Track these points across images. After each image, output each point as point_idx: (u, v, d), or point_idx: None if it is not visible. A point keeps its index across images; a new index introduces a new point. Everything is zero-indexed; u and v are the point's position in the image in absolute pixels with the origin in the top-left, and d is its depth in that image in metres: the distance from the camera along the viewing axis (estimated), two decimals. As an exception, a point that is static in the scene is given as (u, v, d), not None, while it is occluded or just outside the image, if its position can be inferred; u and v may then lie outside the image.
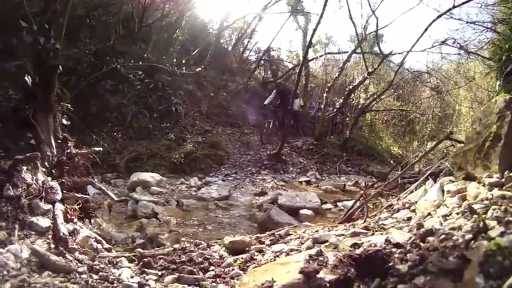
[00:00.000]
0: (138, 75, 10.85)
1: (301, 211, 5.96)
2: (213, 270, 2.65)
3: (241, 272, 2.50)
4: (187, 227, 4.94)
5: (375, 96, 15.75)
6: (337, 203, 6.84)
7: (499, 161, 2.72)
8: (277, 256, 2.69)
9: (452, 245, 1.72)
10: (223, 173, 9.41)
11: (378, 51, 14.12)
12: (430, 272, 1.59)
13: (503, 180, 2.55)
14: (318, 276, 1.74)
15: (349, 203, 5.48)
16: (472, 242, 1.78)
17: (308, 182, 9.61)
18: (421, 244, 1.93)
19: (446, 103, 20.44)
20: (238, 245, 3.11)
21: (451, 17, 11.03)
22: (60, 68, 3.58)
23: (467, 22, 10.89)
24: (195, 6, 14.84)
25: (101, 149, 3.99)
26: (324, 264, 1.85)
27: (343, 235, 2.76)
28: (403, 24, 29.74)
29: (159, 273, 2.59)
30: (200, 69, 12.12)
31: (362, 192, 4.86)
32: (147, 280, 2.43)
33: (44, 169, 3.13)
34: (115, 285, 2.21)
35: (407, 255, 1.82)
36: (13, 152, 2.94)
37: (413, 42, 12.24)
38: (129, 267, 2.62)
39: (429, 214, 2.66)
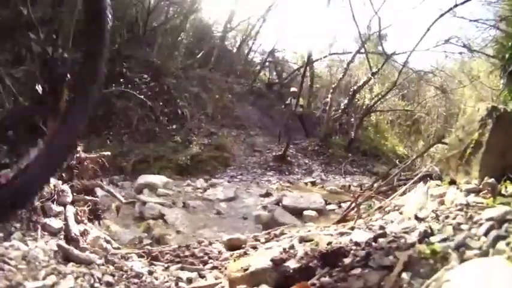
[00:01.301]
0: (144, 78, 10.98)
1: (305, 212, 6.02)
2: (211, 263, 2.99)
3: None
4: (194, 227, 5.04)
5: (380, 96, 15.77)
6: (341, 204, 6.87)
7: (480, 168, 2.81)
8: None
9: (396, 246, 1.99)
10: (229, 175, 9.51)
11: (382, 51, 14.19)
12: (368, 266, 1.87)
13: (480, 186, 2.63)
14: (285, 264, 2.14)
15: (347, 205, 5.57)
16: (416, 245, 1.98)
17: (313, 183, 9.65)
18: (373, 243, 2.19)
19: (451, 102, 20.45)
20: (235, 242, 3.39)
21: (454, 16, 11.10)
22: (69, 75, 3.68)
23: (471, 20, 10.96)
24: (199, 9, 14.99)
25: (109, 153, 4.08)
26: (293, 255, 2.24)
27: (331, 235, 2.94)
28: (407, 23, 29.69)
29: (166, 265, 2.94)
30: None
31: (356, 195, 4.97)
32: (155, 270, 2.80)
33: (54, 172, 3.24)
34: (128, 273, 2.59)
35: (359, 251, 2.08)
36: (25, 158, 3.04)
37: (417, 41, 12.32)
38: (140, 261, 2.91)
39: (409, 218, 2.77)
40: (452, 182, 3.05)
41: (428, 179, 3.62)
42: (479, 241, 1.86)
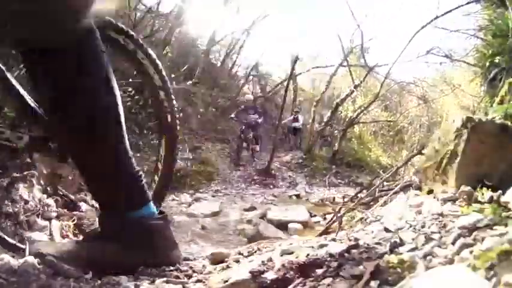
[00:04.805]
0: (128, 91, 10.93)
1: (290, 225, 6.04)
2: (195, 276, 3.00)
3: (218, 277, 2.87)
4: (179, 243, 5.02)
5: (363, 108, 15.95)
6: (326, 216, 6.90)
7: (456, 176, 2.85)
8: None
9: (367, 257, 2.01)
10: (213, 189, 9.50)
11: (364, 64, 14.39)
12: (340, 276, 1.87)
13: (456, 195, 2.70)
14: (263, 275, 2.14)
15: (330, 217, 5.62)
16: (386, 255, 2.04)
17: (298, 196, 9.70)
18: (345, 254, 2.23)
19: (434, 111, 20.74)
20: (218, 256, 3.40)
21: (436, 27, 11.32)
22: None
23: (451, 31, 11.17)
24: (184, 23, 15.05)
25: (94, 167, 4.09)
26: (271, 267, 2.19)
27: (312, 247, 2.98)
28: (389, 35, 30.16)
29: (151, 278, 2.92)
30: (190, 83, 12.21)
31: (337, 207, 5.03)
32: (141, 283, 2.77)
33: (39, 186, 3.24)
34: (115, 286, 2.55)
35: (332, 262, 2.10)
36: (10, 169, 3.05)
37: (399, 53, 12.52)
38: (126, 276, 2.95)
39: (386, 229, 2.82)
40: (430, 192, 3.09)
41: (411, 188, 3.69)
42: (446, 249, 1.91)
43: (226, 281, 2.32)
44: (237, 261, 3.30)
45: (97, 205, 4.07)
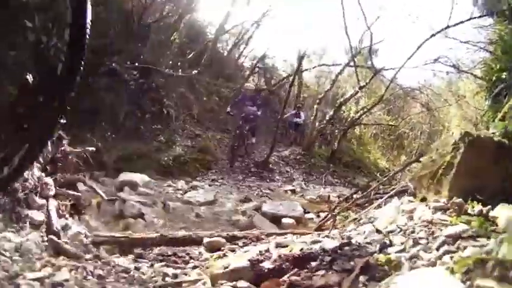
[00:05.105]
0: (133, 74, 10.91)
1: (284, 220, 6.09)
2: (192, 262, 3.33)
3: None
4: (173, 229, 5.07)
5: (365, 109, 15.95)
6: (320, 214, 6.95)
7: (449, 187, 3.06)
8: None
9: (358, 254, 2.37)
10: (210, 178, 9.54)
11: (371, 66, 14.36)
12: (332, 269, 2.26)
13: (448, 205, 2.81)
14: (261, 264, 2.54)
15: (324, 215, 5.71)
16: (375, 254, 2.38)
17: (293, 191, 9.73)
18: (338, 251, 2.57)
19: (436, 119, 20.73)
20: (215, 244, 3.73)
21: (446, 36, 11.31)
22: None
23: (461, 42, 11.16)
24: (194, 9, 14.99)
25: (94, 148, 4.13)
26: (268, 258, 2.62)
27: (305, 242, 3.21)
28: (398, 39, 30.07)
29: (150, 263, 3.23)
30: (195, 71, 11.96)
31: (331, 206, 5.26)
32: (141, 266, 3.07)
33: (38, 165, 3.27)
34: (116, 268, 2.82)
35: (325, 257, 2.44)
36: (10, 148, 3.06)
37: (406, 58, 12.51)
38: (125, 258, 3.14)
39: (377, 230, 3.00)
40: (423, 200, 3.31)
41: (406, 194, 3.90)
42: (431, 254, 2.17)
43: (227, 267, 2.67)
44: (233, 250, 3.54)
45: (95, 186, 4.12)
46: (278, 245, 3.17)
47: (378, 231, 2.89)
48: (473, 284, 1.60)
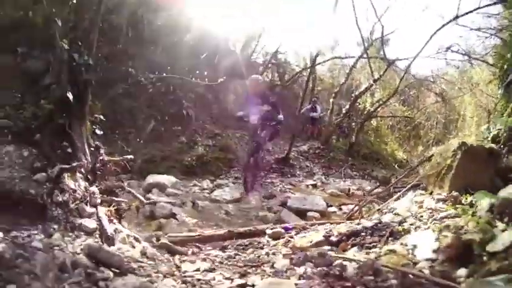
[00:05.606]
0: (150, 78, 11.03)
1: (309, 213, 6.27)
2: (266, 248, 4.17)
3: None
4: (205, 226, 5.22)
5: (381, 101, 15.97)
6: (342, 207, 7.07)
7: (450, 184, 3.94)
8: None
9: (386, 227, 3.74)
10: (233, 176, 9.68)
11: (384, 57, 14.35)
12: (373, 236, 3.67)
13: (448, 197, 3.81)
14: (330, 238, 3.85)
15: (352, 207, 5.95)
16: (396, 226, 3.76)
17: (314, 186, 9.89)
18: (374, 227, 3.85)
19: (451, 108, 20.65)
20: (276, 234, 4.53)
21: (456, 24, 11.29)
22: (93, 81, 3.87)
23: (472, 29, 11.14)
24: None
25: (132, 156, 4.30)
26: (333, 235, 3.91)
27: (347, 225, 4.35)
28: (410, 29, 29.95)
29: (235, 251, 4.08)
30: (222, 79, 10.90)
31: (359, 199, 5.96)
32: (232, 254, 3.95)
33: (81, 175, 3.44)
34: (219, 257, 3.71)
35: (368, 230, 3.81)
36: (53, 160, 3.22)
37: (419, 48, 12.49)
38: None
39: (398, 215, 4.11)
40: (431, 193, 4.19)
41: (419, 188, 4.65)
42: (426, 225, 3.47)
43: (311, 241, 3.92)
44: (291, 237, 4.39)
45: (133, 191, 4.29)
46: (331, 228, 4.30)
47: (397, 214, 3.99)
48: (440, 235, 2.99)
